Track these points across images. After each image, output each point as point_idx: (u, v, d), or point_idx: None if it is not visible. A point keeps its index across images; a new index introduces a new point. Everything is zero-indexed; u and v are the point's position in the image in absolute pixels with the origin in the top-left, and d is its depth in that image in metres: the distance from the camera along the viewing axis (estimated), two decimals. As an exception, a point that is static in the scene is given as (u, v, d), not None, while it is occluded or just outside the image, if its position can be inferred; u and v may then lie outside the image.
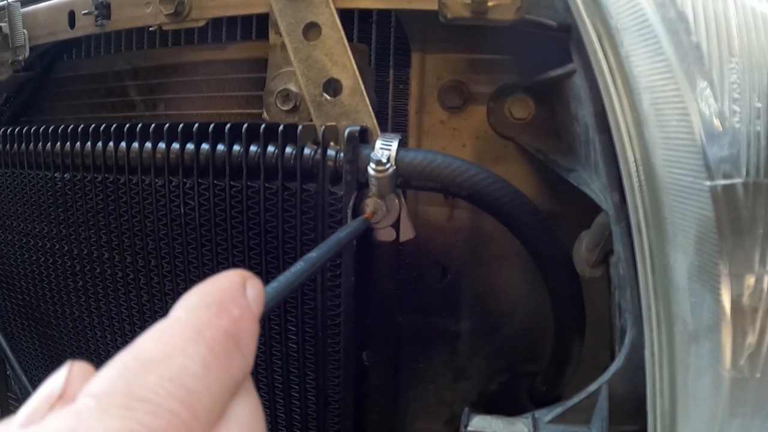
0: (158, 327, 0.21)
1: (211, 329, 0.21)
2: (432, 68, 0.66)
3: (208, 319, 0.21)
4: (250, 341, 0.22)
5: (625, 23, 0.39)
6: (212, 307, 0.21)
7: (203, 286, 0.22)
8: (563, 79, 0.53)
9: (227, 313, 0.21)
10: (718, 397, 0.38)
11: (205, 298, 0.22)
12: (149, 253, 0.63)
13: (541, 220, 0.54)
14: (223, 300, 0.22)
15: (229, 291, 0.22)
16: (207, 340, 0.20)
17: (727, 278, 0.36)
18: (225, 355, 0.20)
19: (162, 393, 0.18)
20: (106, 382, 0.18)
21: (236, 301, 0.22)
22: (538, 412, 0.46)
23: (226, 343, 0.21)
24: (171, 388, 0.18)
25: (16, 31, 0.69)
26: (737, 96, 0.36)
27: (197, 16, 0.62)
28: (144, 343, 0.20)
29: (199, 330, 0.20)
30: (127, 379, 0.18)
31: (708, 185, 0.36)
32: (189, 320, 0.21)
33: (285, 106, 0.58)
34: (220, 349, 0.20)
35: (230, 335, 0.21)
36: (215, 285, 0.23)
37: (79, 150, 0.64)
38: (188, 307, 0.21)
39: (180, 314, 0.21)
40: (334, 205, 0.54)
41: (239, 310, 0.22)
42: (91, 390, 0.18)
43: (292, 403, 0.63)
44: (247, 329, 0.22)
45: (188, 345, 0.20)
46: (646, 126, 0.39)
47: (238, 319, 0.22)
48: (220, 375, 0.20)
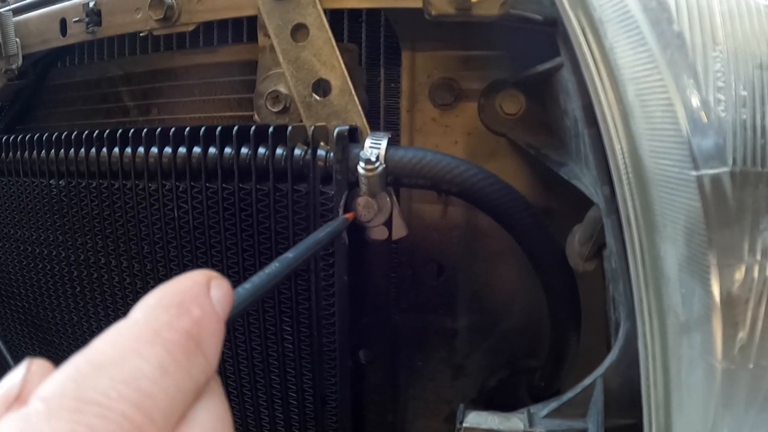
0: (114, 328, 0.20)
1: (170, 330, 0.20)
2: (422, 66, 0.66)
3: (167, 319, 0.20)
4: (212, 342, 0.21)
5: (608, 15, 0.39)
6: (172, 307, 0.21)
7: (164, 286, 0.22)
8: (552, 73, 0.53)
9: (187, 314, 0.21)
10: (711, 389, 0.38)
11: (165, 299, 0.21)
12: (144, 257, 0.63)
13: (532, 215, 0.53)
14: (183, 300, 0.21)
15: (192, 291, 0.22)
16: (165, 342, 0.20)
17: (716, 269, 0.36)
18: (184, 357, 0.20)
19: (113, 396, 0.18)
20: (56, 384, 0.18)
21: (198, 301, 0.21)
22: (534, 407, 0.46)
23: (186, 345, 0.20)
24: (124, 390, 0.18)
25: (8, 39, 0.70)
26: (722, 85, 0.36)
27: (187, 20, 0.62)
28: (99, 345, 0.19)
29: (157, 331, 0.20)
30: (78, 382, 0.18)
31: (694, 175, 0.36)
32: (146, 321, 0.20)
33: (275, 108, 0.58)
34: (178, 350, 0.20)
35: (190, 336, 0.20)
36: (177, 285, 0.22)
37: (74, 157, 0.64)
38: (147, 308, 0.21)
39: (138, 315, 0.20)
40: (325, 205, 0.54)
41: (201, 310, 0.21)
42: (42, 393, 0.18)
43: (289, 403, 0.63)
44: (209, 330, 0.21)
45: (144, 346, 0.19)
46: (632, 118, 0.39)
47: (199, 320, 0.21)
48: (178, 377, 0.19)
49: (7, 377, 0.19)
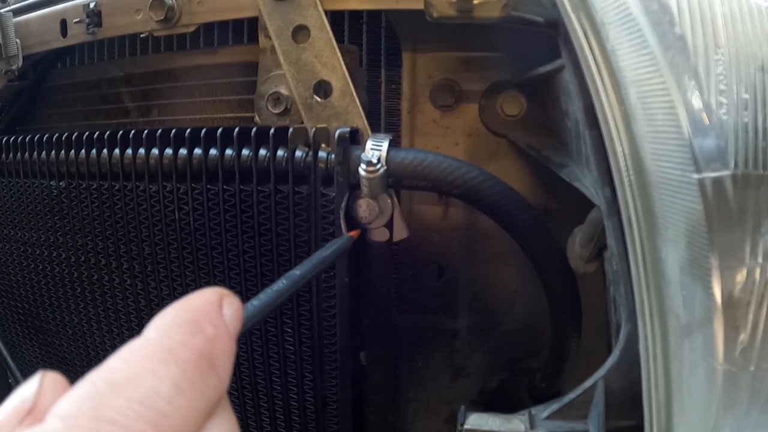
0: (129, 347, 0.20)
1: (184, 349, 0.20)
2: (423, 67, 0.66)
3: (181, 338, 0.20)
4: (225, 361, 0.21)
5: (610, 17, 0.39)
6: (185, 326, 0.21)
7: (178, 304, 0.22)
8: (553, 75, 0.53)
9: (201, 333, 0.21)
10: (712, 391, 0.38)
11: (178, 317, 0.21)
12: (145, 259, 0.63)
13: (533, 217, 0.53)
14: (197, 319, 0.21)
15: (204, 309, 0.22)
16: (179, 361, 0.20)
17: (717, 271, 0.36)
18: (198, 376, 0.20)
19: (131, 415, 0.18)
20: (73, 403, 0.18)
21: (211, 319, 0.22)
22: (535, 409, 0.46)
23: (200, 364, 0.20)
24: (140, 410, 0.18)
25: (8, 40, 0.70)
26: (724, 87, 0.36)
27: (187, 21, 0.62)
28: (114, 364, 0.19)
29: (171, 350, 0.20)
30: (95, 401, 0.18)
31: (696, 178, 0.36)
32: (161, 340, 0.20)
33: (276, 109, 0.58)
34: (192, 369, 0.20)
35: (204, 355, 0.20)
36: (190, 303, 0.22)
37: (74, 158, 0.64)
38: (161, 327, 0.21)
39: (152, 334, 0.21)
40: (326, 207, 0.54)
41: (214, 329, 0.21)
42: (59, 411, 0.18)
43: (290, 404, 0.63)
44: (222, 349, 0.21)
45: (159, 366, 0.19)
46: (634, 120, 0.39)
47: (212, 339, 0.21)
48: (192, 396, 0.19)
49: (20, 389, 0.19)
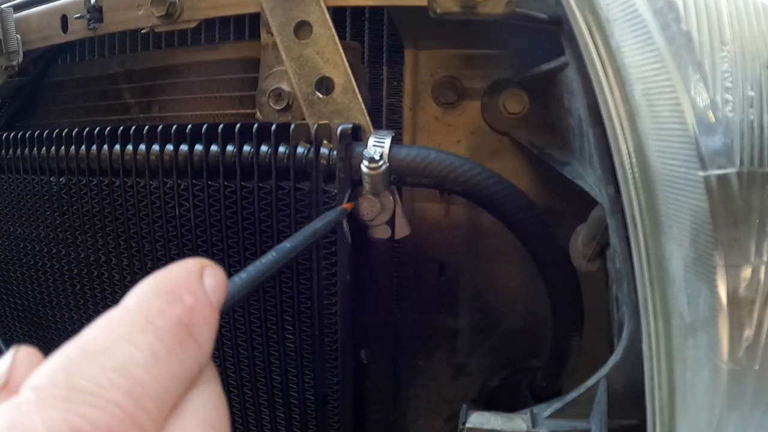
0: (106, 316, 0.20)
1: (162, 317, 0.20)
2: (425, 64, 0.66)
3: (159, 307, 0.20)
4: (206, 331, 0.21)
5: (615, 14, 0.39)
6: (164, 295, 0.20)
7: (157, 274, 0.21)
8: (556, 73, 0.52)
9: (180, 301, 0.20)
10: (716, 390, 0.38)
11: (157, 286, 0.21)
12: (146, 256, 0.63)
13: (536, 215, 0.53)
14: (176, 288, 0.21)
15: (184, 279, 0.21)
16: (156, 329, 0.19)
17: (722, 269, 0.36)
18: (176, 345, 0.20)
19: (105, 384, 0.17)
20: (47, 373, 0.18)
21: (191, 288, 0.21)
22: (537, 408, 0.46)
23: (178, 332, 0.20)
24: (115, 378, 0.18)
25: (9, 36, 0.69)
26: (729, 85, 0.36)
27: (189, 17, 0.62)
28: (89, 333, 0.19)
29: (149, 318, 0.19)
30: (69, 371, 0.18)
31: (702, 176, 0.36)
32: (138, 308, 0.20)
33: (277, 106, 0.58)
34: (170, 338, 0.19)
35: (183, 324, 0.20)
36: (169, 273, 0.22)
37: (74, 154, 0.64)
38: (139, 296, 0.20)
39: (130, 303, 0.20)
40: (328, 204, 0.54)
41: (193, 298, 0.21)
42: (32, 382, 0.18)
43: (291, 402, 0.63)
44: (202, 318, 0.21)
45: (136, 334, 0.19)
46: (639, 117, 0.39)
47: (191, 307, 0.21)
48: (170, 365, 0.19)
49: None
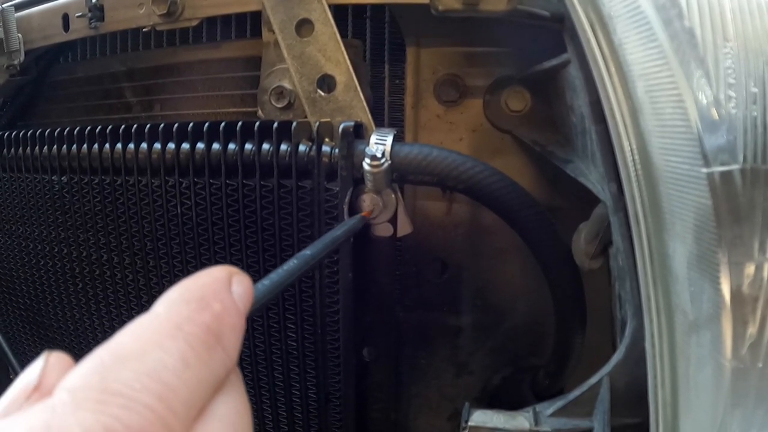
0: (137, 322, 0.20)
1: (191, 324, 0.20)
2: (427, 62, 0.66)
3: (188, 314, 0.21)
4: (233, 337, 0.22)
5: (618, 10, 0.39)
6: (193, 302, 0.21)
7: (186, 281, 0.22)
8: (558, 70, 0.52)
9: (208, 309, 0.21)
10: (719, 388, 0.38)
11: (186, 294, 0.21)
12: (148, 254, 0.63)
13: (538, 212, 0.53)
14: (204, 295, 0.22)
15: (212, 286, 0.22)
16: (186, 335, 0.20)
17: (726, 267, 0.36)
18: (205, 351, 0.20)
19: (137, 387, 0.18)
20: (81, 376, 0.18)
21: (219, 296, 0.22)
22: (540, 406, 0.46)
23: (207, 338, 0.20)
24: (147, 382, 0.18)
25: (10, 35, 0.69)
26: (732, 81, 0.35)
27: (190, 15, 0.62)
28: (121, 338, 0.20)
29: (179, 325, 0.20)
30: (102, 374, 0.18)
31: (705, 173, 0.35)
32: (168, 315, 0.21)
33: (279, 104, 0.58)
34: (199, 344, 0.20)
35: (211, 330, 0.21)
36: (198, 280, 0.22)
37: (76, 152, 0.64)
38: (169, 303, 0.21)
39: (160, 309, 0.21)
40: (330, 202, 0.54)
41: (221, 305, 0.22)
42: (66, 384, 0.18)
43: (293, 400, 0.63)
44: (230, 325, 0.22)
45: (166, 340, 0.20)
46: (642, 114, 0.38)
47: (219, 315, 0.21)
48: (199, 370, 0.20)
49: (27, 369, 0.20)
